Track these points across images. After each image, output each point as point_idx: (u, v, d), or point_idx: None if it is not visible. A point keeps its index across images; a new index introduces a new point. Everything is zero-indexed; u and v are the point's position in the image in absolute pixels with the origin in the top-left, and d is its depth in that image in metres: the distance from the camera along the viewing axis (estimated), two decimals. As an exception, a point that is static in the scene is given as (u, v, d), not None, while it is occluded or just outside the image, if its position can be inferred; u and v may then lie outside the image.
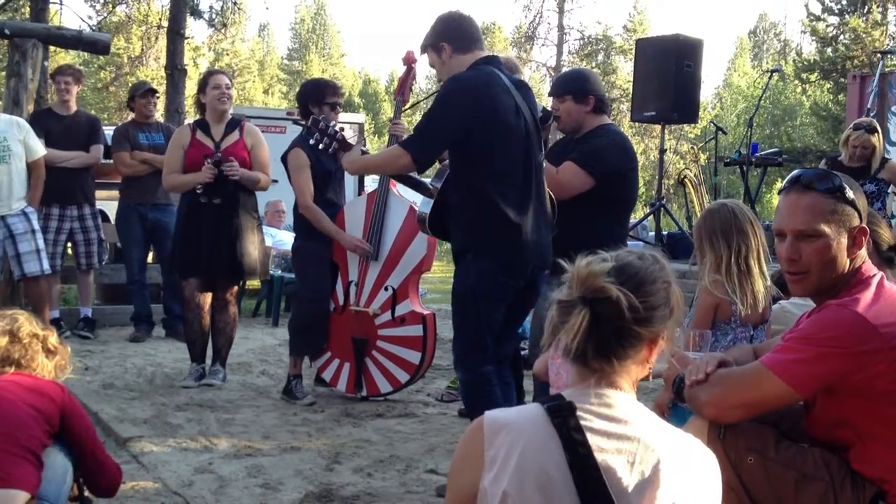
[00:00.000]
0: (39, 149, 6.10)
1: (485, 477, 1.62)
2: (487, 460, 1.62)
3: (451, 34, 3.57)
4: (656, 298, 1.65)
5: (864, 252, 2.29)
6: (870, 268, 2.30)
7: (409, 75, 4.75)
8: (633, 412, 1.64)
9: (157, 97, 7.01)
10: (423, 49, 3.67)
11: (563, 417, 1.61)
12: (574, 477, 1.56)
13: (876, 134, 5.96)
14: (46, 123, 6.54)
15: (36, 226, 6.03)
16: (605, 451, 1.58)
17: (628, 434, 1.61)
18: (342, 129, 3.83)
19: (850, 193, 2.24)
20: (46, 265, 6.09)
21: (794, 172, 2.34)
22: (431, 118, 3.51)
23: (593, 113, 4.11)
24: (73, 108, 6.78)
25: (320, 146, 3.91)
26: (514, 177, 3.47)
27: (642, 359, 1.68)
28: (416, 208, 4.30)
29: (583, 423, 1.60)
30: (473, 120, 3.40)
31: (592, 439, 1.59)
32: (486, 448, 1.62)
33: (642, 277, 1.66)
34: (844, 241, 2.24)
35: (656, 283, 1.66)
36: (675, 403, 2.55)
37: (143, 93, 6.82)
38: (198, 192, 5.16)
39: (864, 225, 2.27)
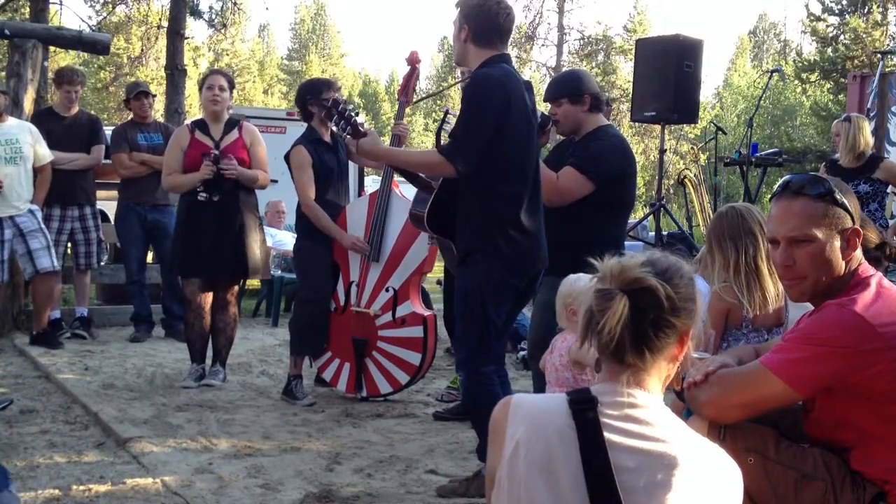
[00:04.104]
0: (48, 154, 6.24)
1: (504, 455, 1.66)
2: (507, 438, 1.67)
3: (476, 22, 3.46)
4: (687, 291, 1.69)
5: (859, 253, 2.30)
6: (867, 268, 2.31)
7: (412, 76, 4.73)
8: (658, 415, 1.66)
9: (153, 98, 7.01)
10: (457, 6, 3.56)
11: (584, 410, 1.63)
12: (585, 470, 1.58)
13: (847, 123, 5.99)
14: (48, 123, 6.55)
15: (42, 223, 6.12)
16: (619, 449, 1.60)
17: (647, 435, 1.62)
18: (358, 115, 3.77)
19: (840, 196, 2.26)
20: (56, 262, 6.16)
21: (784, 179, 2.35)
22: (468, 123, 3.40)
23: (590, 112, 4.11)
24: (75, 108, 6.79)
25: (335, 128, 3.84)
26: (528, 178, 3.47)
27: (672, 355, 1.70)
28: (405, 198, 4.23)
29: (603, 418, 1.62)
30: (503, 118, 3.36)
31: (609, 435, 1.60)
32: (508, 425, 1.68)
33: (673, 270, 1.69)
34: (837, 243, 2.25)
35: (684, 278, 1.70)
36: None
37: (136, 95, 6.82)
38: (198, 189, 5.17)
39: (856, 226, 2.28)
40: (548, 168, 3.95)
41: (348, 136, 3.70)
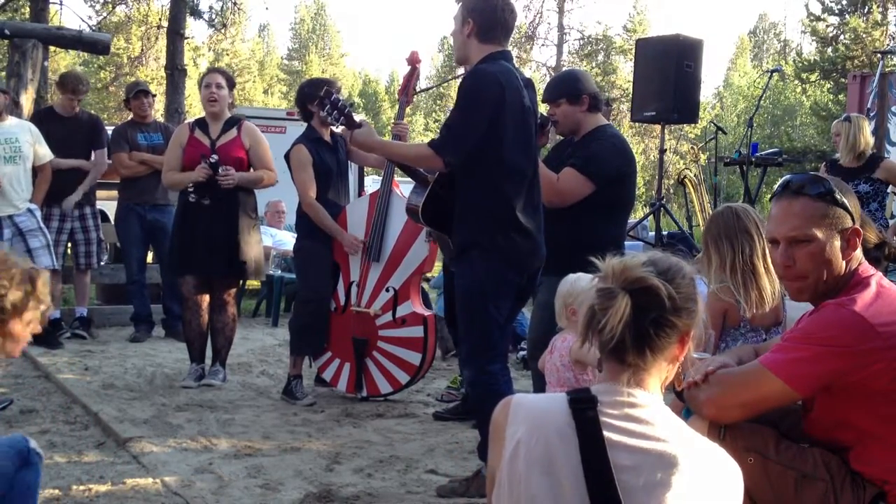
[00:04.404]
0: (48, 154, 6.24)
1: (504, 455, 1.66)
2: (508, 437, 1.67)
3: (481, 16, 3.46)
4: (688, 291, 1.69)
5: (859, 253, 2.30)
6: (867, 268, 2.31)
7: (412, 75, 4.73)
8: (658, 415, 1.66)
9: (153, 97, 7.00)
10: (457, 1, 3.56)
11: (584, 409, 1.63)
12: (584, 469, 1.59)
13: (847, 123, 6.00)
14: (49, 124, 6.54)
15: (42, 223, 6.12)
16: (619, 448, 1.60)
17: (647, 434, 1.62)
18: (352, 105, 3.76)
19: (840, 196, 2.26)
20: (55, 261, 6.16)
21: (784, 178, 2.35)
22: (461, 117, 3.42)
23: (589, 112, 4.11)
24: (77, 109, 6.78)
25: (329, 118, 3.86)
26: (526, 174, 3.47)
27: (673, 355, 1.70)
28: (405, 198, 4.25)
29: (603, 418, 1.62)
30: (498, 114, 3.36)
31: (609, 435, 1.61)
32: (509, 425, 1.68)
33: (674, 270, 1.69)
34: (837, 243, 2.25)
35: (685, 277, 1.70)
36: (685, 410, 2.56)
37: (135, 94, 6.82)
38: (189, 190, 5.17)
39: (856, 226, 2.28)
40: (547, 169, 3.95)
41: (343, 128, 3.70)
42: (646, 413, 1.64)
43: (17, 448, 2.56)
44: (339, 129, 3.74)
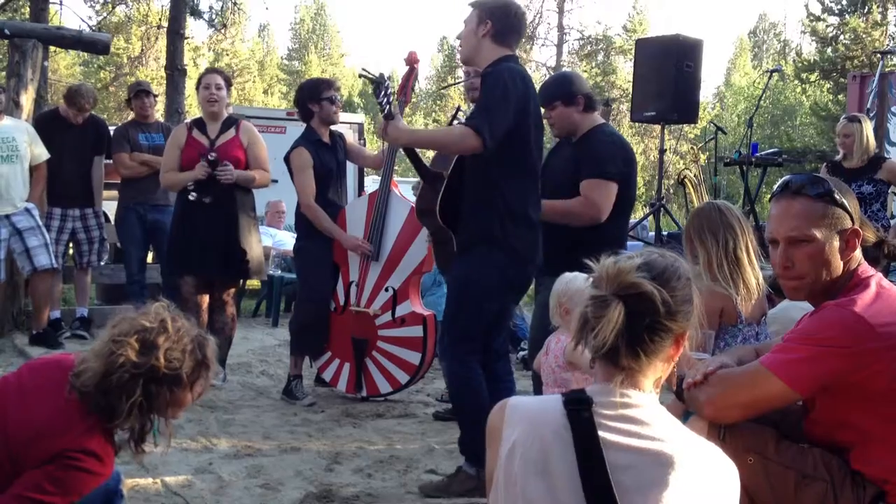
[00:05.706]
0: (44, 153, 6.22)
1: (500, 456, 1.67)
2: (504, 439, 1.67)
3: (500, 20, 3.54)
4: (684, 293, 1.68)
5: (858, 254, 2.30)
6: (866, 269, 2.31)
7: (411, 75, 4.73)
8: (653, 414, 1.66)
9: (154, 97, 6.98)
10: (472, 5, 3.62)
11: (579, 410, 1.63)
12: (580, 469, 1.59)
13: (858, 124, 6.00)
14: (52, 127, 6.52)
15: (39, 221, 6.12)
16: (615, 448, 1.60)
17: (643, 434, 1.62)
18: (394, 94, 3.83)
19: (839, 196, 2.25)
20: (55, 260, 6.16)
21: (784, 179, 2.35)
22: (498, 98, 3.40)
23: (584, 112, 4.13)
24: (79, 119, 6.75)
25: (377, 99, 3.87)
26: (537, 173, 3.56)
27: (668, 356, 1.70)
28: (404, 197, 4.27)
29: (597, 418, 1.62)
30: (523, 113, 3.44)
31: (604, 435, 1.61)
32: (505, 427, 1.69)
33: (670, 272, 1.68)
34: (836, 244, 2.25)
35: (681, 279, 1.69)
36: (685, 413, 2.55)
37: (136, 94, 6.81)
38: (189, 188, 5.16)
39: (856, 227, 2.28)
40: (555, 175, 3.99)
41: (381, 115, 3.77)
42: (641, 413, 1.64)
43: (107, 486, 2.52)
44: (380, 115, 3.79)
